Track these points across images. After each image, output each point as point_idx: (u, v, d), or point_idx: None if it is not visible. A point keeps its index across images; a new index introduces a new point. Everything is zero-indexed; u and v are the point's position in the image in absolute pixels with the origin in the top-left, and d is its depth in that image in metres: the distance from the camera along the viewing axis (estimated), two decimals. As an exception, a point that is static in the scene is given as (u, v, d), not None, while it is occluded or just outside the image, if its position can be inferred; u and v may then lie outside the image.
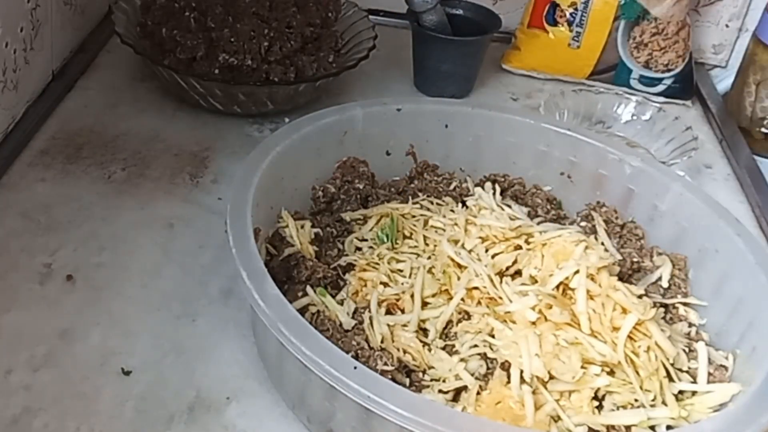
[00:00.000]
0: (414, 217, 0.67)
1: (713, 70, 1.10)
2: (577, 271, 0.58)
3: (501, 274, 0.61)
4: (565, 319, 0.54)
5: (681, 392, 0.56)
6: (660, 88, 1.00)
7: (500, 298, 0.57)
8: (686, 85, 1.01)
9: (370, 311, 0.57)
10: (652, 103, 0.91)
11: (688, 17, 0.98)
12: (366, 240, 0.65)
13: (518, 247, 0.62)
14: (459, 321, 0.58)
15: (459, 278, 0.59)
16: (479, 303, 0.58)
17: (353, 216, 0.67)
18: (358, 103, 0.70)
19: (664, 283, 0.64)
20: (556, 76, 1.02)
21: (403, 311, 0.58)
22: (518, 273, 0.61)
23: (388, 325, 0.56)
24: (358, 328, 0.56)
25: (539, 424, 0.51)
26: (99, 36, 0.96)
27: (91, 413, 0.54)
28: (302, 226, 0.63)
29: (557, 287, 0.58)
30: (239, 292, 0.62)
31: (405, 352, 0.55)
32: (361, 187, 0.69)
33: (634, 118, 0.90)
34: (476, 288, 0.58)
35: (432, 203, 0.69)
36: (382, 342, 0.55)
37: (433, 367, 0.55)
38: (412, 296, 0.58)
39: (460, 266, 0.60)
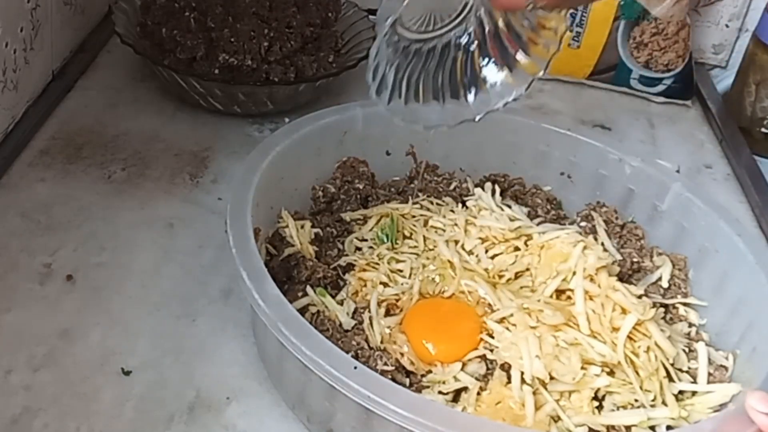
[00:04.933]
0: (414, 217, 0.67)
1: (713, 70, 1.10)
2: (575, 272, 0.58)
3: (500, 275, 0.61)
4: (558, 320, 0.54)
5: (681, 392, 0.56)
6: (660, 88, 1.00)
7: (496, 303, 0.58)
8: (686, 85, 1.01)
9: (370, 311, 0.57)
10: None
11: (688, 17, 0.98)
12: (366, 240, 0.65)
13: (517, 249, 0.63)
14: (459, 321, 0.58)
15: (457, 280, 0.59)
16: (479, 303, 0.58)
17: (353, 216, 0.67)
18: (358, 103, 0.70)
19: (664, 283, 0.64)
20: (556, 76, 1.02)
21: (402, 311, 0.58)
22: (518, 274, 0.61)
23: (389, 327, 0.56)
24: (358, 328, 0.56)
25: (539, 425, 0.51)
26: (99, 36, 0.96)
27: (91, 413, 0.54)
28: (302, 226, 0.63)
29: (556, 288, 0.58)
30: (239, 292, 0.62)
31: (403, 354, 0.55)
32: (361, 187, 0.69)
33: None
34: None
35: (432, 203, 0.69)
36: (381, 342, 0.55)
37: (431, 371, 0.55)
38: (411, 296, 0.58)
39: (456, 269, 0.60)
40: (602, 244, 0.65)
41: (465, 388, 0.53)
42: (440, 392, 0.54)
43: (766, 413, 0.45)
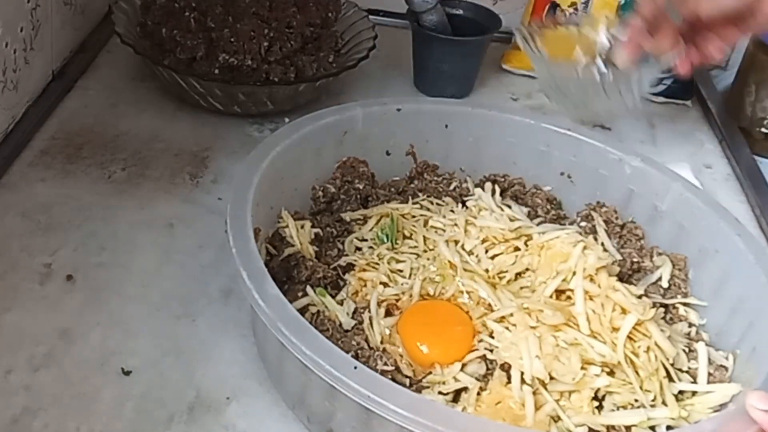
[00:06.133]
0: (414, 217, 0.67)
1: (713, 70, 1.10)
2: (574, 272, 0.58)
3: (500, 276, 0.61)
4: (558, 320, 0.54)
5: (681, 392, 0.56)
6: (660, 88, 1.00)
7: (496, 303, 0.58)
8: (686, 85, 1.01)
9: (370, 311, 0.57)
10: None
11: (688, 17, 0.98)
12: (366, 240, 0.65)
13: (517, 249, 0.63)
14: (459, 321, 0.58)
15: (456, 281, 0.59)
16: (478, 303, 0.58)
17: (353, 216, 0.67)
18: (358, 103, 0.70)
19: (664, 283, 0.64)
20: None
21: (402, 312, 0.58)
22: (518, 275, 0.61)
23: (389, 327, 0.56)
24: (358, 328, 0.56)
25: (539, 424, 0.51)
26: (99, 36, 0.96)
27: (91, 413, 0.54)
28: (302, 226, 0.63)
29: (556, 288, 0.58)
30: (239, 292, 0.62)
31: (402, 356, 0.55)
32: (361, 187, 0.69)
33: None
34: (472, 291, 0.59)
35: (432, 203, 0.69)
36: (381, 342, 0.55)
37: (431, 372, 0.55)
38: (411, 297, 0.58)
39: (458, 269, 0.60)
40: (602, 244, 0.65)
41: (465, 388, 0.53)
42: (440, 392, 0.54)
43: (766, 410, 0.45)
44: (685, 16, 0.69)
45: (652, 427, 0.53)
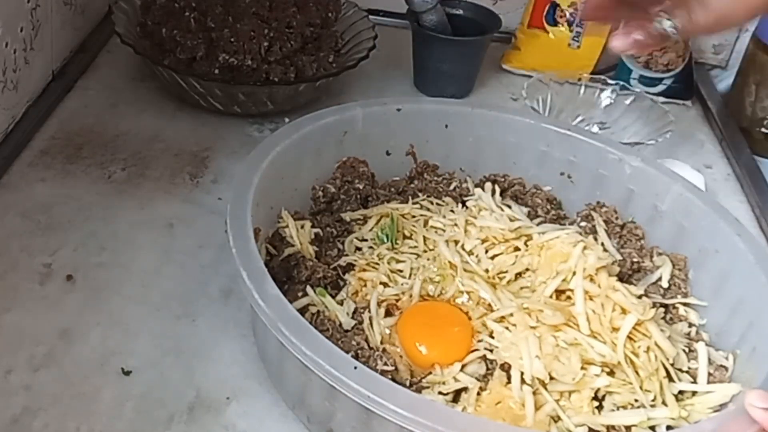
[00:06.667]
0: (414, 217, 0.67)
1: (713, 70, 1.10)
2: (574, 272, 0.58)
3: (500, 276, 0.61)
4: (558, 320, 0.54)
5: (681, 392, 0.56)
6: (660, 88, 1.00)
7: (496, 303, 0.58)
8: (686, 85, 1.01)
9: (369, 311, 0.57)
10: (631, 89, 0.91)
11: (688, 17, 0.98)
12: (366, 240, 0.65)
13: (517, 249, 0.63)
14: (459, 321, 0.57)
15: (456, 281, 0.59)
16: (478, 304, 0.58)
17: (353, 216, 0.67)
18: (358, 103, 0.70)
19: (664, 284, 0.64)
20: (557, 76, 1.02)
21: (402, 312, 0.58)
22: (518, 275, 0.61)
23: (389, 327, 0.56)
24: (358, 328, 0.56)
25: (539, 424, 0.51)
26: (99, 36, 0.96)
27: (91, 413, 0.54)
28: (302, 226, 0.63)
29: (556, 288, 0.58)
30: (239, 292, 0.62)
31: (402, 357, 0.55)
32: (361, 187, 0.69)
33: (611, 102, 0.90)
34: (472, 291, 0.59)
35: (432, 203, 0.69)
36: (381, 342, 0.55)
37: (430, 373, 0.55)
38: (411, 297, 0.58)
39: (458, 270, 0.60)
40: (602, 244, 0.65)
41: (465, 389, 0.53)
42: (440, 392, 0.54)
43: (765, 408, 0.45)
44: None
45: (652, 427, 0.53)
